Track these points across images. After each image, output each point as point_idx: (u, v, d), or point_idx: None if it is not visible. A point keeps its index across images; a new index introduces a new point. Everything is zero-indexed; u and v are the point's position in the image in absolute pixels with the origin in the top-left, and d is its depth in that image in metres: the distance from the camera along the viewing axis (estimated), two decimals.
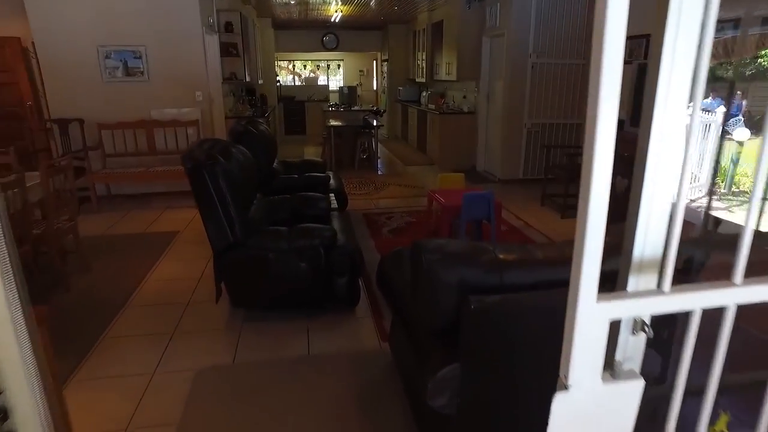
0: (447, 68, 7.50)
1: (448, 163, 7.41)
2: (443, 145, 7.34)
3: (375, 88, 13.41)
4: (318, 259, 2.92)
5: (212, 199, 2.83)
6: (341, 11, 7.71)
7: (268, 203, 3.68)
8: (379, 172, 7.23)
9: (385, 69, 10.82)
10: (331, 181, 4.61)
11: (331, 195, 4.07)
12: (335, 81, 13.18)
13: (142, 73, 5.32)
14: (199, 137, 5.52)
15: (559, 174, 5.19)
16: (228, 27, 6.52)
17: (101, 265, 3.73)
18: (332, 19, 9.06)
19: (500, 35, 6.24)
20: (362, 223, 4.79)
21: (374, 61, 13.22)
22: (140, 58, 5.26)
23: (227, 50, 6.58)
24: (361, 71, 13.26)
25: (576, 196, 0.79)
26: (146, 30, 5.21)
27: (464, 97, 7.64)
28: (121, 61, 5.23)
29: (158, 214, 5.06)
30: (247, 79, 6.97)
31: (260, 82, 8.21)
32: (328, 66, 13.11)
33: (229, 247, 2.86)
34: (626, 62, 2.03)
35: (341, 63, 13.14)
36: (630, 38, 1.09)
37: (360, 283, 3.17)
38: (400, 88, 10.03)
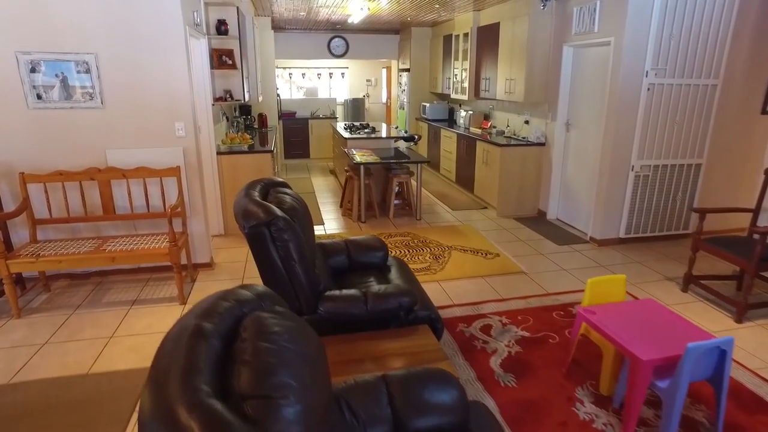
0: (507, 85, 5.80)
1: (508, 206, 5.71)
2: (504, 184, 5.64)
3: (385, 101, 11.65)
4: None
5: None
6: (368, 8, 5.95)
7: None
8: (424, 222, 5.48)
9: (404, 80, 9.09)
10: (395, 277, 2.85)
11: (403, 297, 2.33)
12: (336, 91, 11.38)
13: (91, 95, 3.45)
14: (181, 192, 3.66)
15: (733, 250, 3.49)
16: (221, 27, 4.69)
17: None
18: (349, 20, 7.28)
19: (600, 44, 4.57)
20: (446, 336, 3.04)
21: (384, 70, 11.47)
22: (88, 72, 3.40)
23: (220, 59, 4.75)
24: (368, 81, 11.49)
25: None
26: (97, 29, 3.35)
27: (526, 122, 5.95)
28: (57, 76, 3.35)
29: (117, 320, 3.19)
30: (247, 98, 5.14)
31: (260, 99, 6.37)
32: (331, 75, 11.29)
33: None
34: None
35: (345, 71, 11.34)
36: None
37: None
38: (426, 104, 8.30)
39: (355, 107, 10.57)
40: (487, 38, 6.33)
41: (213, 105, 4.65)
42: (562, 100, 5.26)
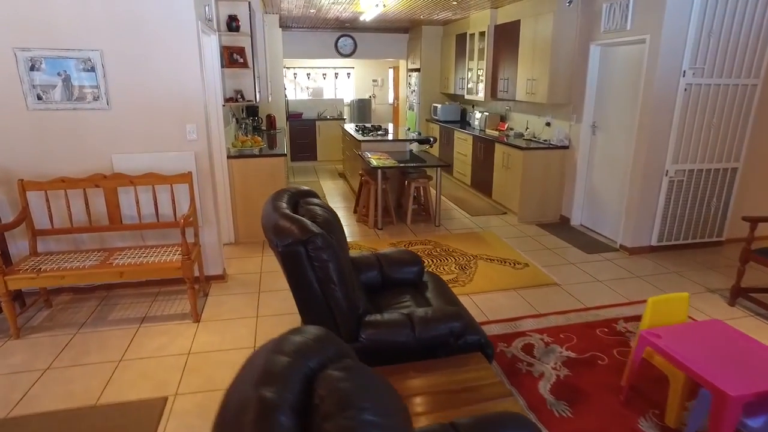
0: (529, 86, 5.56)
1: (529, 212, 5.47)
2: (526, 189, 5.39)
3: (392, 101, 11.40)
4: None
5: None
6: (383, 4, 5.69)
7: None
8: (443, 228, 5.22)
9: (413, 81, 8.84)
10: (433, 295, 2.60)
11: (453, 322, 2.08)
12: (341, 92, 11.13)
13: (96, 96, 3.18)
14: (193, 200, 3.40)
15: None
16: (232, 23, 4.43)
17: None
18: (361, 18, 7.02)
19: (632, 43, 4.33)
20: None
21: (390, 70, 11.23)
22: (93, 70, 3.13)
23: (231, 57, 4.49)
24: (374, 81, 11.25)
25: None
26: (102, 24, 3.09)
27: (548, 124, 5.71)
28: (59, 74, 3.09)
29: (126, 340, 2.93)
30: (258, 98, 4.87)
31: (269, 99, 6.11)
32: (336, 75, 11.04)
33: None
34: None
35: (351, 71, 11.09)
36: None
37: None
38: (438, 105, 8.05)
39: (361, 108, 10.31)
40: (506, 37, 6.09)
41: (223, 106, 4.39)
42: (588, 101, 5.02)
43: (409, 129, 7.51)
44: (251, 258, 4.32)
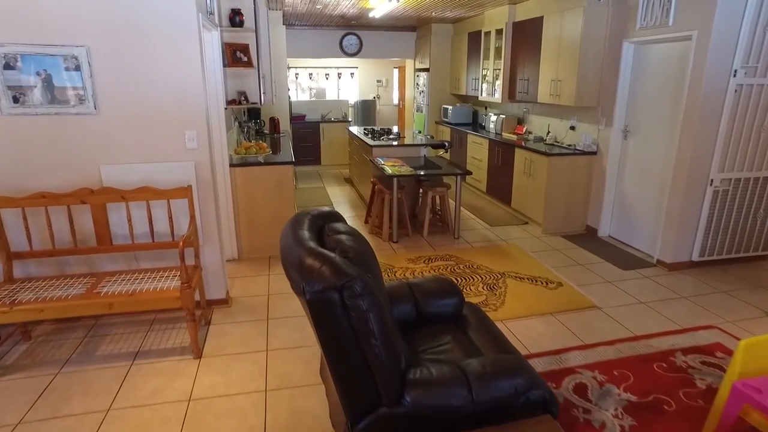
0: (553, 87, 5.17)
1: (554, 222, 5.09)
2: (551, 198, 5.01)
3: (397, 102, 11.01)
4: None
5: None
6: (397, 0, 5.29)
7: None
8: (463, 241, 4.83)
9: (422, 81, 8.45)
10: (477, 335, 2.21)
11: (518, 377, 1.68)
12: (344, 93, 10.73)
13: (82, 98, 2.78)
14: (193, 217, 2.99)
15: None
16: (235, 18, 4.03)
17: None
18: (370, 15, 6.62)
19: (675, 40, 3.96)
20: None
21: (395, 70, 10.84)
22: (78, 69, 2.72)
23: (234, 55, 4.09)
24: (379, 81, 10.85)
25: None
26: (90, 16, 2.68)
27: (572, 128, 5.34)
28: (38, 74, 2.68)
29: (116, 382, 2.52)
30: (263, 100, 4.47)
31: (274, 101, 5.70)
32: (339, 75, 10.63)
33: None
34: None
35: (354, 71, 10.69)
36: None
37: None
38: (449, 107, 7.66)
39: (366, 109, 9.92)
40: (526, 34, 5.71)
41: (225, 109, 3.99)
42: (620, 103, 4.64)
43: (419, 132, 7.12)
44: (257, 277, 3.91)
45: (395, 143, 5.48)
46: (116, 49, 2.76)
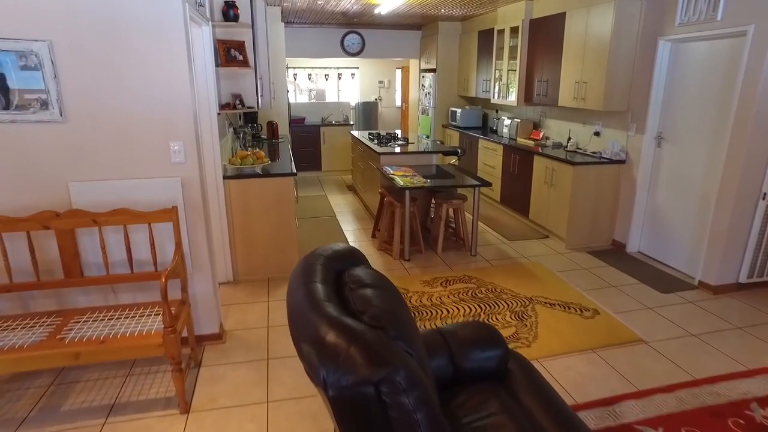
0: (577, 90, 4.75)
1: (579, 236, 4.66)
2: (576, 210, 4.58)
3: (399, 104, 10.57)
4: None
5: None
6: None
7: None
8: (480, 258, 4.40)
9: (428, 82, 8.01)
10: (530, 399, 1.78)
11: None
12: (345, 94, 10.29)
13: (44, 103, 2.32)
14: (179, 244, 2.54)
15: None
16: (229, 12, 3.58)
17: None
18: (375, 11, 6.18)
19: (723, 36, 3.54)
20: None
21: (398, 70, 10.41)
22: (38, 68, 2.27)
23: (228, 54, 3.63)
24: (380, 83, 10.41)
25: None
26: (53, 5, 2.23)
27: (596, 134, 4.91)
28: None
29: None
30: (260, 104, 4.02)
31: (272, 104, 5.25)
32: (340, 76, 10.18)
33: None
34: None
35: (355, 72, 10.25)
36: None
37: None
38: (457, 110, 7.23)
39: (367, 112, 9.49)
40: (545, 32, 5.28)
41: (218, 114, 3.54)
42: (653, 107, 4.22)
43: (426, 136, 6.69)
44: (255, 304, 3.46)
45: (405, 150, 5.04)
46: (86, 45, 2.30)
